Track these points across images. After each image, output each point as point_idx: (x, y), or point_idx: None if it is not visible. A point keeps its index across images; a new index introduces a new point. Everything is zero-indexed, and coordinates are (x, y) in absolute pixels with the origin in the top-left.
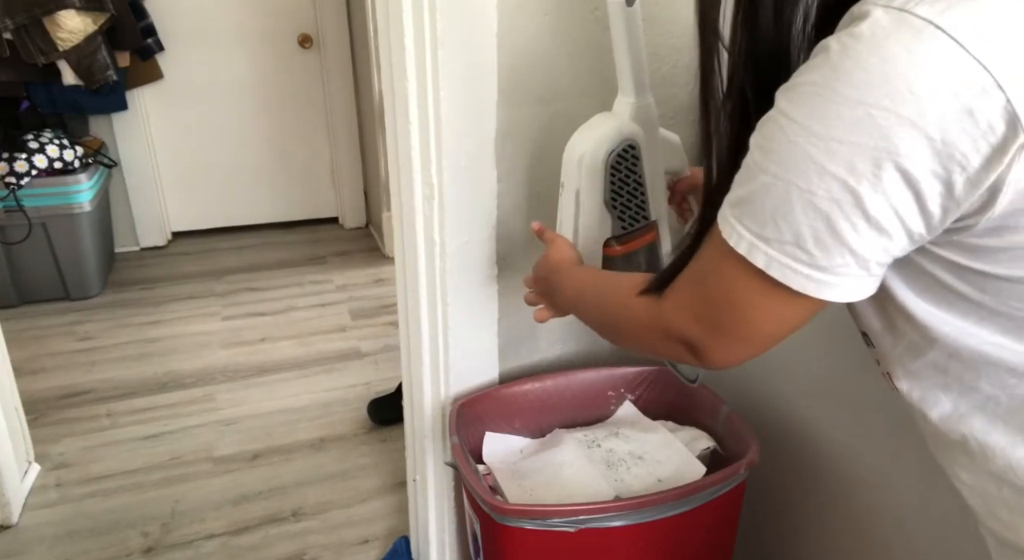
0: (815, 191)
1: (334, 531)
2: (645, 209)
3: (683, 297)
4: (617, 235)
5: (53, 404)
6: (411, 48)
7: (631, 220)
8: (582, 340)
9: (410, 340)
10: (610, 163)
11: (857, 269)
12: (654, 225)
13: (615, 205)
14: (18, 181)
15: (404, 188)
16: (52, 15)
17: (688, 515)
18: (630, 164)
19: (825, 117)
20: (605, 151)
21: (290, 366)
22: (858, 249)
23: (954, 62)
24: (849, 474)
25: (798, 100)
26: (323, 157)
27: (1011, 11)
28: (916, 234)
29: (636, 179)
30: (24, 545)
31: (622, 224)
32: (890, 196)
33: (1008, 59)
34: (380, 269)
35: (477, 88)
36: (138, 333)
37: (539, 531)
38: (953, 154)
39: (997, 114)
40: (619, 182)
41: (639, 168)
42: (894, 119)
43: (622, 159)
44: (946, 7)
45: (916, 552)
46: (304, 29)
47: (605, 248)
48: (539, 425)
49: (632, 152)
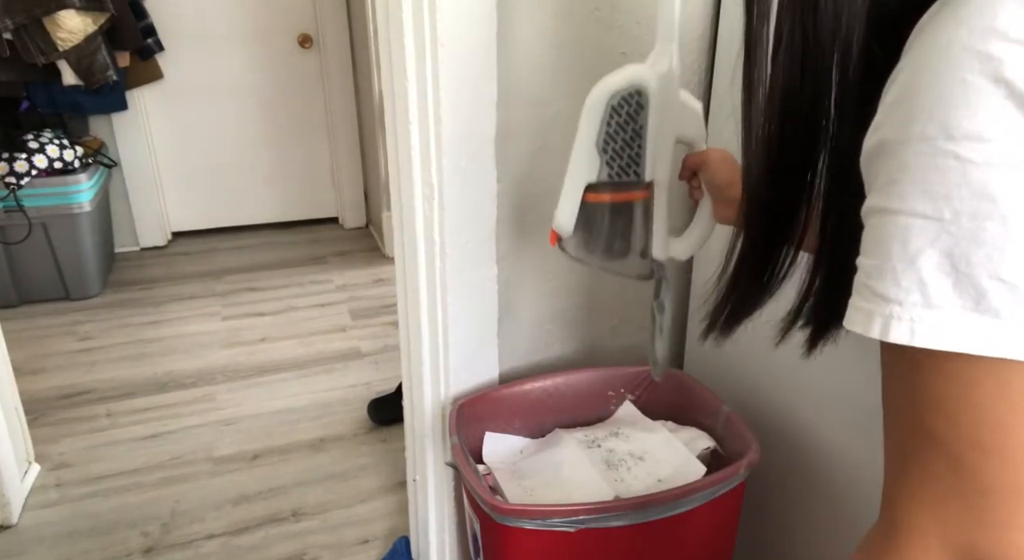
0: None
1: (334, 531)
2: (638, 164)
3: (906, 475)
4: (602, 182)
5: (53, 404)
6: (411, 48)
7: (620, 170)
8: (582, 340)
9: (410, 340)
10: (611, 104)
11: None
12: (648, 187)
13: (606, 149)
14: (18, 181)
15: (404, 188)
16: (52, 15)
17: (688, 515)
18: (632, 111)
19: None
20: (610, 91)
21: (290, 366)
22: None
23: None
24: (849, 474)
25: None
26: (323, 157)
27: None
28: None
29: (635, 129)
30: (24, 545)
31: (609, 171)
32: None
33: None
34: (380, 269)
35: (477, 88)
36: (138, 333)
37: (539, 531)
38: None
39: None
40: (616, 126)
41: (641, 118)
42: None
43: (625, 103)
44: None
45: None
46: (304, 29)
47: (586, 193)
48: (539, 425)
49: (637, 99)
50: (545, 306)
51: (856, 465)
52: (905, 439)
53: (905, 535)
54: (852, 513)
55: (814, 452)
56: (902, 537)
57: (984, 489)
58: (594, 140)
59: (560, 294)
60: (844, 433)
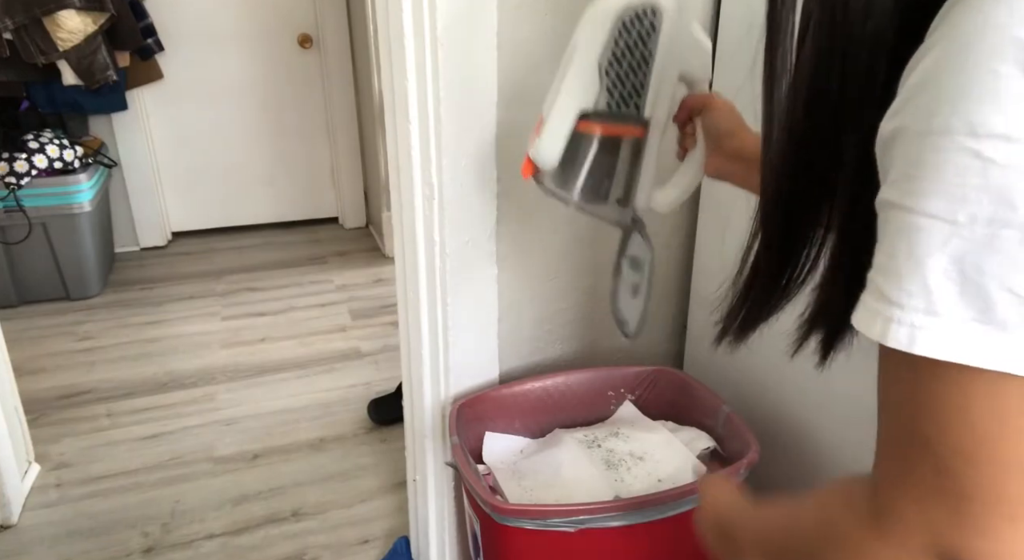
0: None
1: (334, 531)
2: (641, 95)
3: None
4: (599, 111)
5: (53, 404)
6: (411, 48)
7: (620, 99)
8: (582, 340)
9: (410, 340)
10: (623, 19)
11: None
12: (645, 124)
13: (609, 72)
14: (18, 181)
15: (404, 188)
16: (52, 15)
17: (688, 515)
18: (645, 31)
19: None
20: (624, 3)
21: (290, 366)
22: None
23: None
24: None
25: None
26: (323, 157)
27: None
28: None
29: (643, 53)
30: (24, 545)
31: (608, 98)
32: None
33: None
34: (380, 269)
35: (477, 88)
36: (138, 333)
37: (539, 531)
38: None
39: None
40: (624, 46)
41: (652, 42)
42: None
43: (638, 21)
44: None
45: None
46: (304, 29)
47: (580, 122)
48: (539, 425)
49: (651, 19)
50: (545, 306)
51: (856, 465)
52: (897, 436)
53: (892, 523)
54: None
55: (814, 452)
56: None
57: (967, 496)
58: (596, 59)
59: (560, 294)
60: (844, 433)
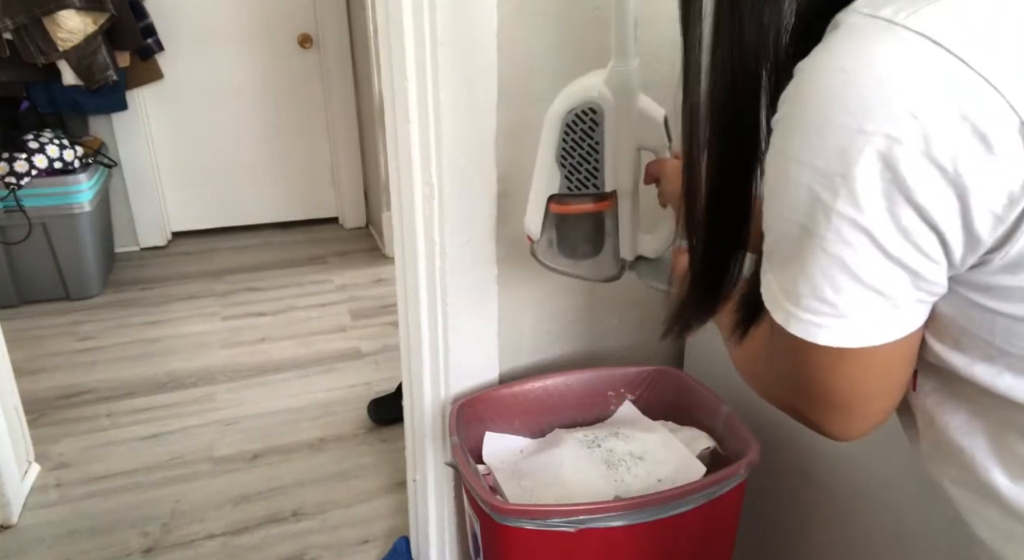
0: (823, 234)
1: (334, 531)
2: (597, 177)
3: (774, 358)
4: (562, 194)
5: (53, 404)
6: (411, 48)
7: (579, 183)
8: (582, 340)
9: (410, 340)
10: (566, 121)
11: (888, 311)
12: (611, 196)
13: (564, 163)
14: (18, 181)
15: (404, 188)
16: (52, 15)
17: (688, 515)
18: (587, 127)
19: (822, 150)
20: (564, 108)
21: (290, 366)
22: (885, 290)
23: (955, 77)
24: (848, 474)
25: (791, 132)
26: (323, 157)
27: (997, 12)
28: (945, 267)
29: (591, 144)
30: (24, 545)
31: (568, 184)
32: (910, 233)
33: (1012, 70)
34: (380, 269)
35: (477, 88)
36: (138, 333)
37: (539, 531)
38: (967, 185)
39: (1011, 136)
40: (572, 142)
41: (597, 134)
42: (900, 150)
43: (579, 120)
44: (936, 14)
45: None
46: (304, 29)
47: (550, 203)
48: (539, 425)
49: (591, 116)
50: (545, 306)
51: (856, 465)
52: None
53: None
54: (852, 513)
55: (814, 452)
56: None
57: (814, 397)
58: (553, 154)
59: (560, 294)
60: None
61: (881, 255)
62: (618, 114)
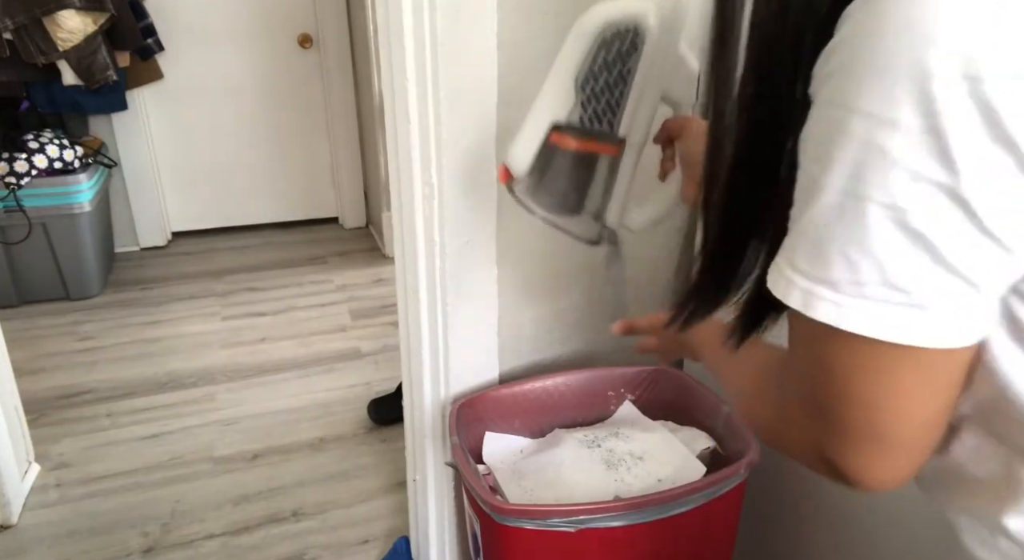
0: (894, 203)
1: (334, 531)
2: (615, 113)
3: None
4: (571, 125)
5: (53, 404)
6: (411, 48)
7: (594, 115)
8: (582, 340)
9: (410, 340)
10: (603, 36)
11: (975, 303)
12: (620, 143)
13: (584, 87)
14: (18, 181)
15: (404, 188)
16: (52, 15)
17: (688, 515)
18: (624, 50)
19: (892, 95)
20: (603, 20)
21: (290, 366)
22: (974, 277)
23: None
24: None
25: (849, 78)
26: (323, 157)
27: None
28: None
29: (622, 71)
30: (24, 545)
31: (582, 113)
32: (1007, 192)
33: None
34: (380, 269)
35: (477, 88)
36: (138, 333)
37: (539, 531)
38: None
39: None
40: (603, 63)
41: (632, 61)
42: (988, 79)
43: (618, 39)
44: None
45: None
46: (304, 29)
47: (553, 133)
48: (539, 425)
49: (632, 38)
50: (545, 306)
51: None
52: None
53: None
54: (852, 513)
55: None
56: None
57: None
58: (573, 73)
59: (560, 294)
60: None
61: (974, 227)
62: (657, 49)
